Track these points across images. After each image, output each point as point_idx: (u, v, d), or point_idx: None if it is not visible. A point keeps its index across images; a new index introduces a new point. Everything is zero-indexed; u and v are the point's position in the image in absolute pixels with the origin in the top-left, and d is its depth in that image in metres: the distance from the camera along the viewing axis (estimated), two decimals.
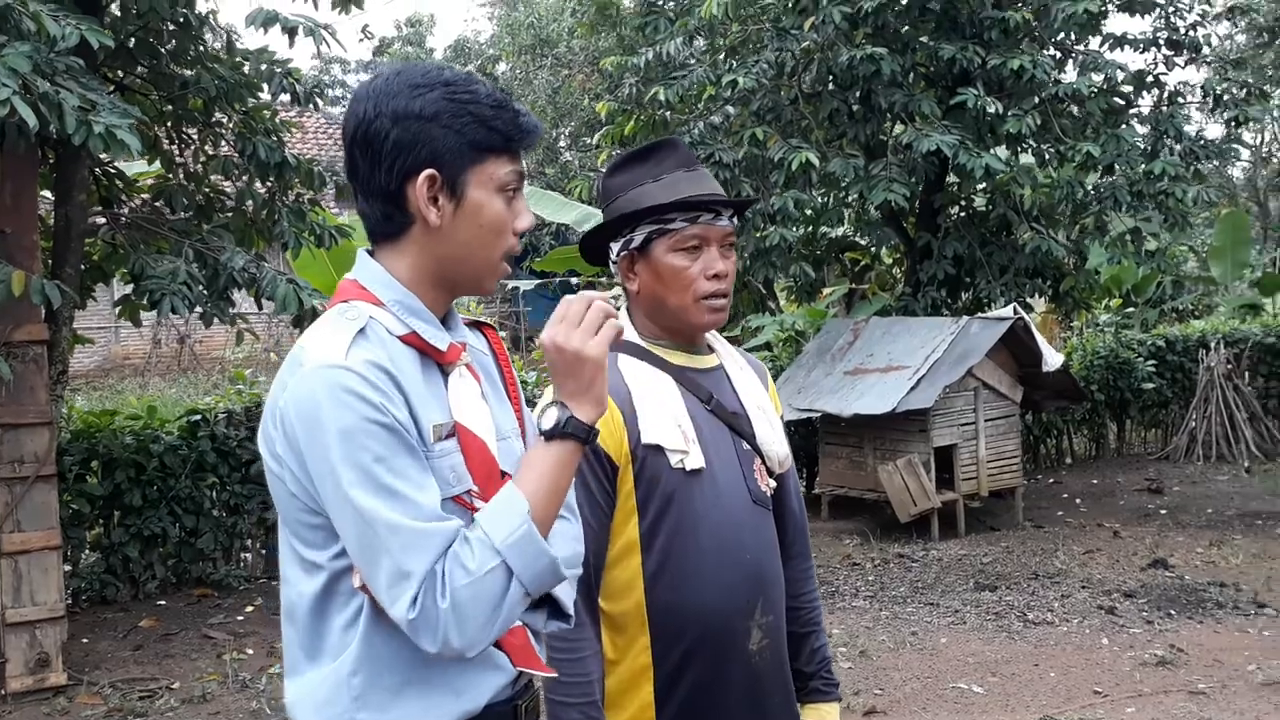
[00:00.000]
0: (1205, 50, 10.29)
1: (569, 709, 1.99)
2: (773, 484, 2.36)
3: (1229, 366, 11.82)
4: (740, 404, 2.34)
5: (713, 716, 2.20)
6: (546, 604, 1.72)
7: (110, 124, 4.86)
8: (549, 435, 1.66)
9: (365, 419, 1.56)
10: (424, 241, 1.70)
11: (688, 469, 2.19)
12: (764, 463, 2.34)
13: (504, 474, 1.75)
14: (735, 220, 2.34)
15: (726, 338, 2.60)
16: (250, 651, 6.63)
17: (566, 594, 1.73)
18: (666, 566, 2.18)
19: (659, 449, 2.18)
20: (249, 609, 7.42)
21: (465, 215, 1.69)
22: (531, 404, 1.90)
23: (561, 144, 26.53)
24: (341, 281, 1.75)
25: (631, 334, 2.31)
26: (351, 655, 1.64)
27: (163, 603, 7.58)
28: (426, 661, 1.63)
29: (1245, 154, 20.75)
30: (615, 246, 2.29)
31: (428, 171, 1.66)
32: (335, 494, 1.56)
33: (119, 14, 7.02)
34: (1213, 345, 11.99)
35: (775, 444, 2.35)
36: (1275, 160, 27.45)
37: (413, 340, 1.68)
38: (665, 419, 2.20)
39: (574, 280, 13.13)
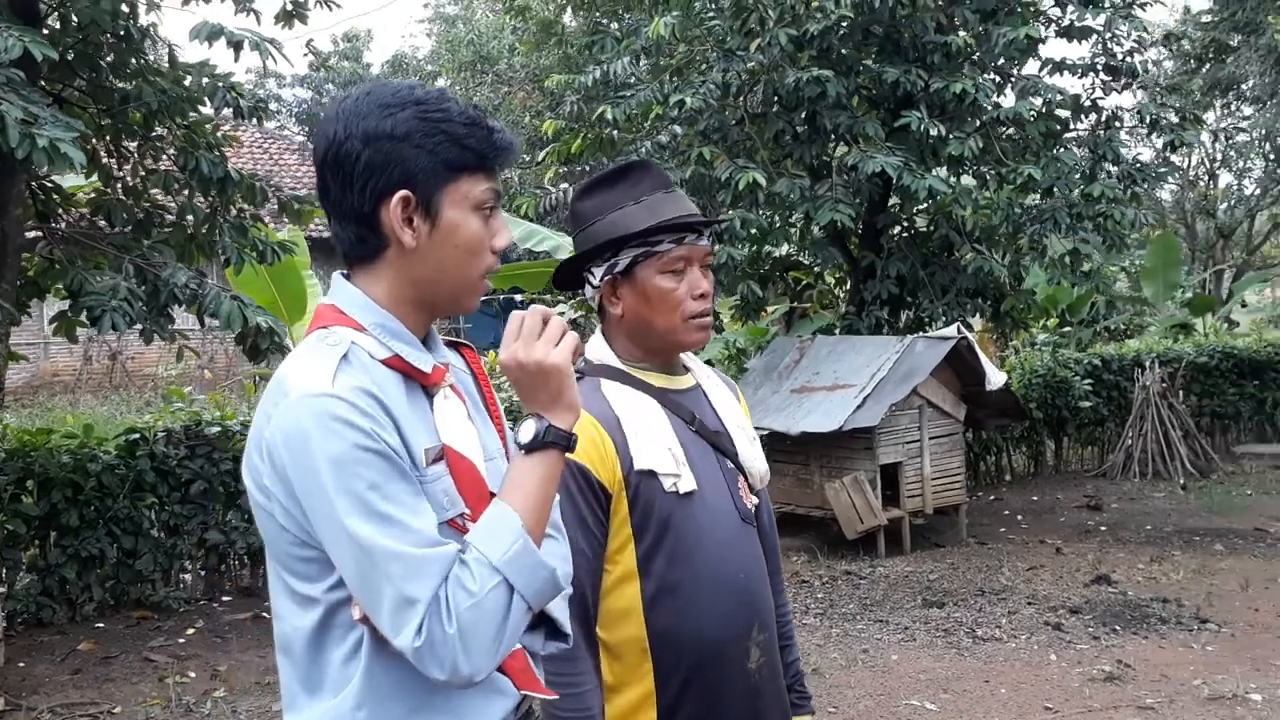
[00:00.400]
0: (1141, 76, 10.48)
1: None
2: (755, 500, 2.37)
3: (1164, 385, 12.04)
4: (721, 422, 2.34)
5: None
6: (543, 624, 1.70)
7: (54, 137, 4.75)
8: (529, 448, 1.64)
9: (356, 446, 1.52)
10: (400, 263, 1.67)
11: (681, 492, 2.18)
12: (746, 480, 2.34)
13: (493, 495, 1.71)
14: (711, 239, 2.33)
15: None
16: (193, 674, 6.49)
17: (561, 613, 1.71)
18: (665, 593, 2.16)
19: (651, 474, 2.16)
20: (190, 631, 7.26)
21: (441, 236, 1.66)
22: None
23: None
24: (318, 306, 1.72)
25: (610, 358, 2.29)
26: (354, 690, 1.59)
27: (101, 625, 7.40)
28: (431, 690, 1.59)
29: (1173, 178, 21.19)
30: (598, 271, 2.27)
31: (401, 193, 1.63)
32: (330, 525, 1.52)
33: (59, 25, 6.89)
34: (1148, 364, 12.20)
35: (756, 460, 2.36)
36: (1202, 184, 28.11)
37: (396, 364, 1.65)
38: (655, 443, 2.18)
39: (518, 297, 13.07)
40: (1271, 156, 26.66)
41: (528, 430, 1.64)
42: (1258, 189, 27.92)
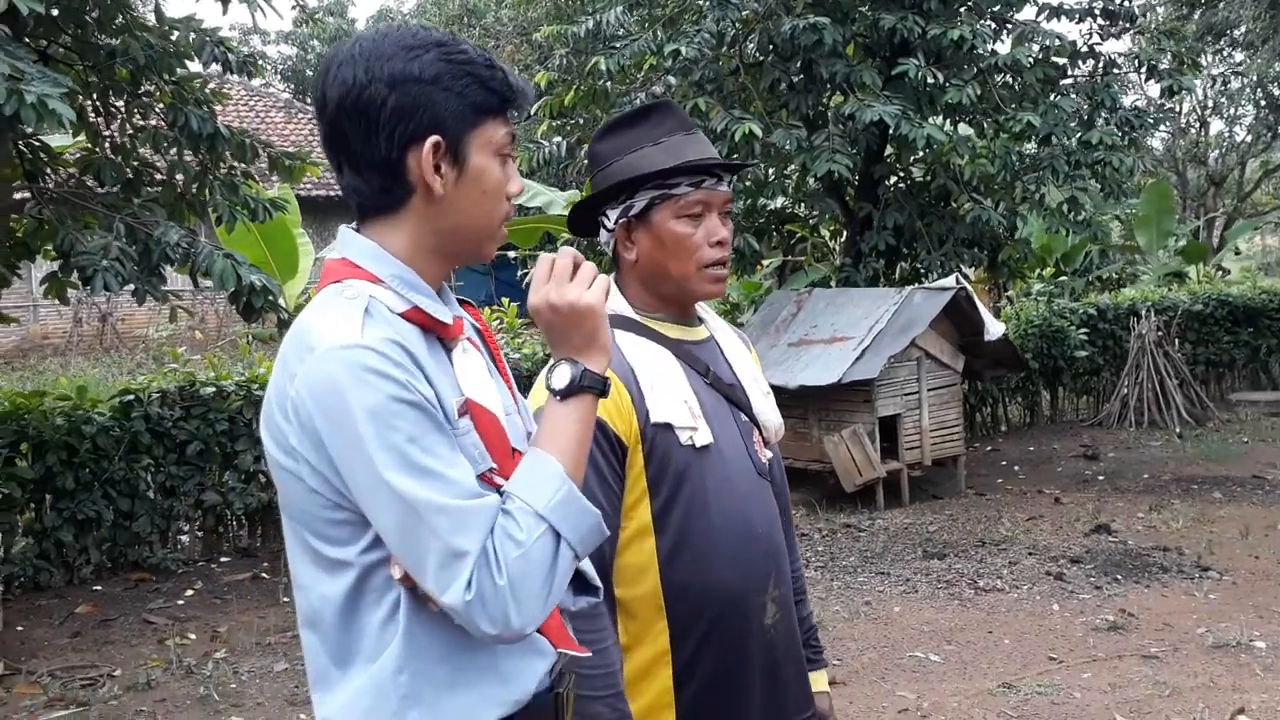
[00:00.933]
0: (1140, 20, 10.36)
1: (594, 702, 1.91)
2: (769, 454, 2.32)
3: (1159, 334, 12.01)
4: (735, 375, 2.29)
5: (732, 694, 2.14)
6: (573, 579, 1.65)
7: (43, 94, 4.65)
8: (565, 393, 1.60)
9: (393, 398, 1.46)
10: (425, 212, 1.61)
11: (697, 445, 2.13)
12: (761, 434, 2.29)
13: (515, 450, 1.67)
14: (731, 185, 2.27)
15: None
16: (193, 636, 6.46)
17: (589, 566, 1.67)
18: (682, 547, 2.11)
19: (668, 427, 2.11)
20: (189, 593, 7.23)
21: (468, 182, 1.61)
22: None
23: None
24: (327, 261, 1.65)
25: (624, 307, 2.23)
26: (394, 653, 1.53)
27: (99, 588, 7.36)
28: (474, 648, 1.55)
29: (1166, 125, 21.09)
30: (613, 214, 2.20)
31: (433, 138, 1.57)
32: (369, 481, 1.47)
33: None
34: (1143, 313, 12.17)
35: (770, 414, 2.31)
36: (1193, 131, 27.99)
37: (415, 316, 1.59)
38: (672, 396, 2.12)
39: (511, 254, 12.97)
40: (1263, 103, 26.55)
41: (562, 375, 1.61)
42: (1249, 136, 27.83)
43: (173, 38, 6.94)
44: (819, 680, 2.39)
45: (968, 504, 8.93)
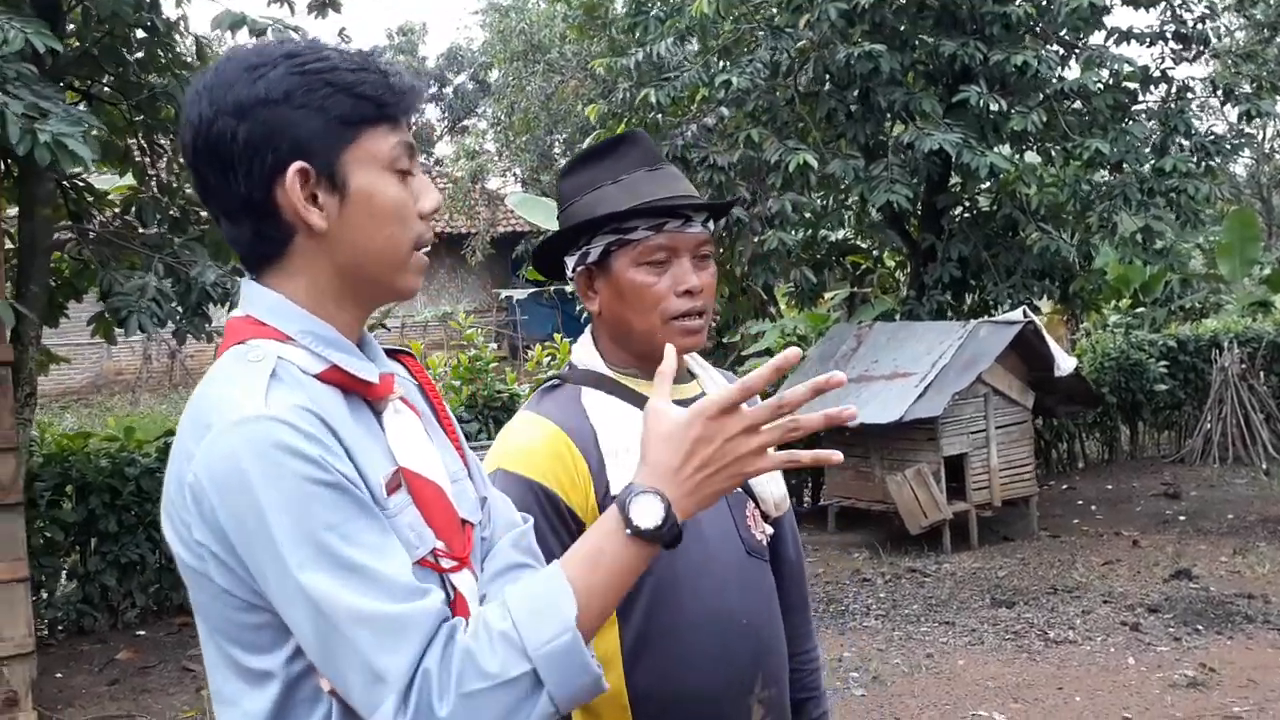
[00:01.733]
0: (1214, 43, 9.96)
1: None
2: (769, 530, 2.01)
3: (1243, 366, 11.51)
4: None
5: None
6: None
7: (59, 132, 4.53)
8: (644, 535, 1.32)
9: (305, 479, 1.22)
10: (315, 252, 1.36)
11: None
12: (758, 506, 1.99)
13: (464, 522, 1.43)
14: (711, 225, 1.99)
15: (725, 344, 2.23)
16: None
17: None
18: (648, 642, 1.83)
19: None
20: None
21: (354, 208, 1.35)
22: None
23: (556, 150, 26.23)
24: (230, 320, 1.40)
25: (596, 363, 1.96)
26: None
27: (142, 633, 7.26)
28: None
29: (1247, 151, 20.46)
30: (571, 260, 1.94)
31: (296, 165, 1.32)
32: (281, 581, 1.23)
33: (82, 21, 6.72)
34: (1226, 345, 11.67)
35: (770, 484, 2.00)
36: (1278, 157, 27.18)
37: (334, 377, 1.34)
38: (638, 465, 1.85)
39: (569, 289, 12.80)
40: None
41: (653, 512, 1.32)
42: None
43: None
44: None
45: (1040, 547, 8.53)
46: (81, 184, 7.21)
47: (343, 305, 1.39)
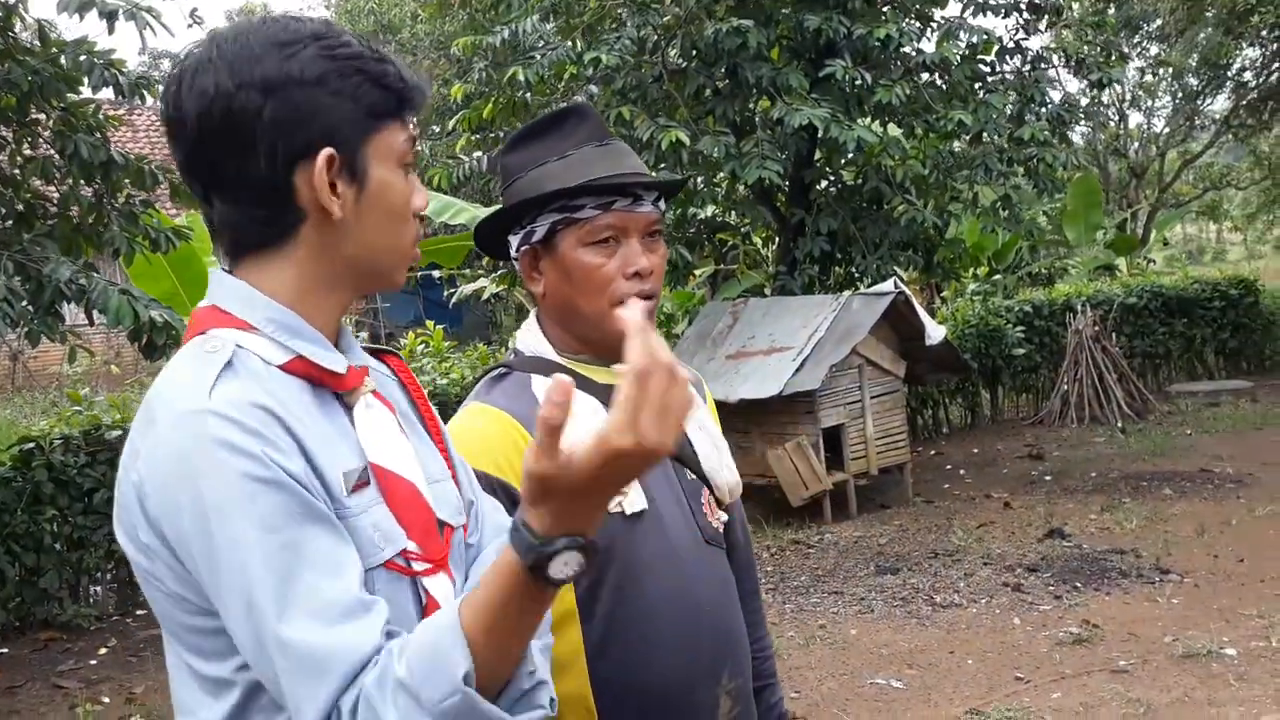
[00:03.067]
0: (1065, 13, 10.23)
1: None
2: (724, 517, 1.95)
3: (1096, 328, 11.91)
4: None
5: None
6: None
7: None
8: (556, 581, 1.14)
9: (245, 475, 1.16)
10: (321, 242, 1.31)
11: (627, 513, 1.77)
12: (712, 493, 1.93)
13: (443, 524, 1.35)
14: (661, 205, 1.92)
15: None
16: (106, 700, 6.02)
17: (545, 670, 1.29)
18: (612, 636, 1.76)
19: None
20: (102, 651, 6.77)
21: (370, 201, 1.31)
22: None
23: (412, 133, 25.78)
24: (195, 311, 1.34)
25: (544, 349, 1.88)
26: None
27: (5, 650, 6.88)
28: None
29: (1084, 120, 21.19)
30: (515, 239, 1.85)
31: (326, 152, 1.26)
32: (216, 584, 1.17)
33: None
34: (1079, 308, 12.06)
35: (724, 470, 1.94)
36: (1112, 124, 28.23)
37: (299, 368, 1.28)
38: None
39: (435, 274, 12.58)
40: (1180, 95, 26.83)
41: (571, 564, 1.13)
42: (1167, 128, 28.12)
43: (60, 61, 6.50)
44: None
45: (917, 512, 8.70)
46: None
47: (329, 296, 1.34)
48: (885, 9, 9.67)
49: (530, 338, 1.91)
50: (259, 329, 1.29)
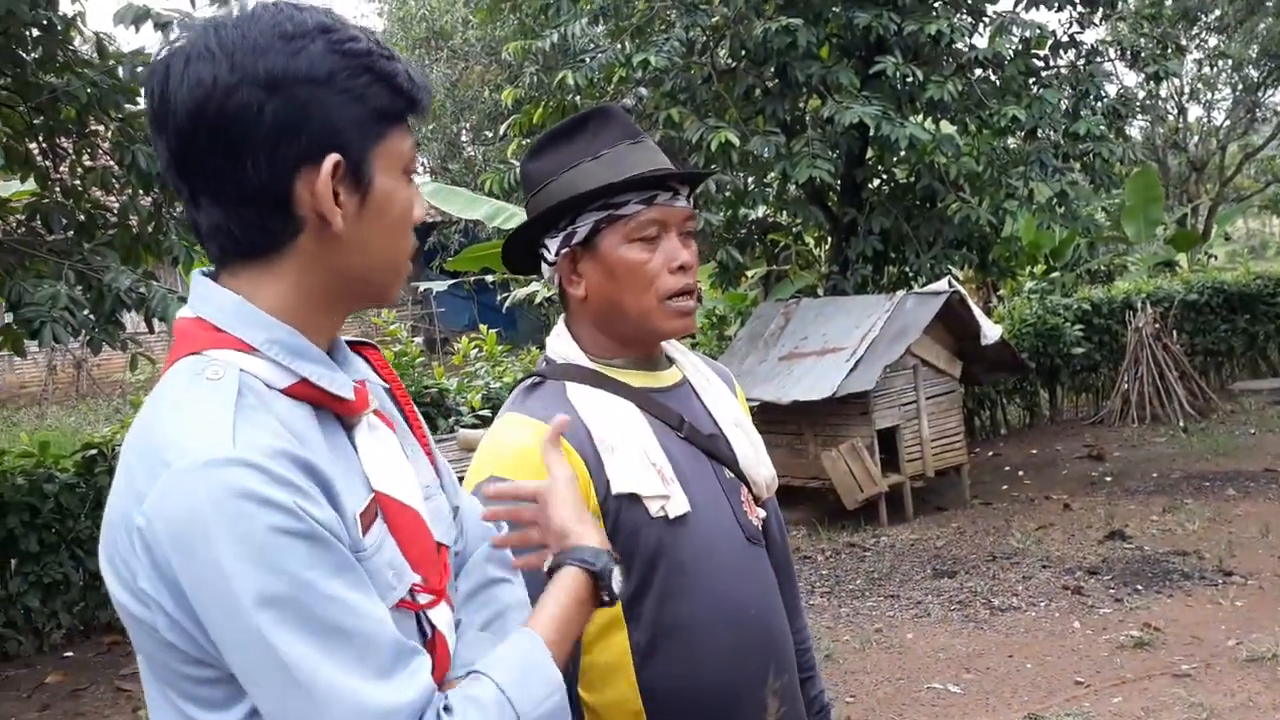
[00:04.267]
0: (1120, 5, 10.08)
1: None
2: (762, 514, 1.94)
3: (1156, 326, 11.72)
4: (715, 423, 1.91)
5: None
6: None
7: None
8: (616, 596, 1.36)
9: (277, 530, 1.09)
10: (316, 253, 1.22)
11: (670, 516, 1.76)
12: (750, 490, 1.93)
13: (440, 545, 1.31)
14: (691, 200, 1.91)
15: None
16: None
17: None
18: (659, 640, 1.75)
19: (634, 498, 1.74)
20: None
21: (372, 211, 1.23)
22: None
23: (464, 139, 25.92)
24: (177, 323, 1.24)
25: (576, 355, 1.87)
26: None
27: (70, 654, 6.99)
28: None
29: (1142, 114, 20.88)
30: (553, 244, 1.84)
31: (333, 158, 1.18)
32: (245, 648, 1.10)
33: None
34: (1139, 305, 11.88)
35: (761, 466, 1.94)
36: (1171, 118, 27.81)
37: (302, 392, 1.20)
38: (637, 460, 1.76)
39: (489, 279, 12.64)
40: (1240, 86, 26.38)
41: (620, 579, 1.39)
42: (1227, 120, 27.66)
43: (118, 73, 6.60)
44: None
45: (974, 515, 8.60)
46: None
47: (329, 309, 1.26)
48: (936, 4, 9.59)
49: (561, 344, 1.90)
50: (259, 350, 1.20)
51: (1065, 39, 10.07)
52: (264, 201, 1.19)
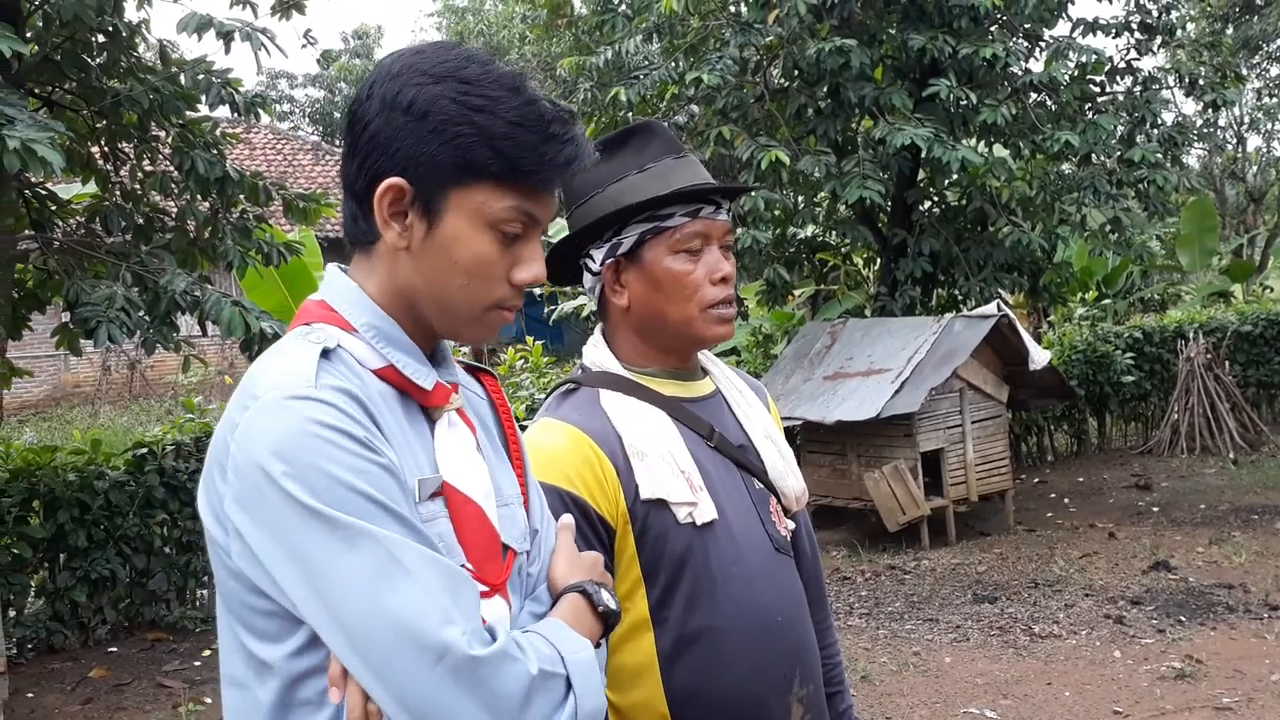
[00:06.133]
0: (1179, 33, 10.01)
1: None
2: (791, 525, 1.97)
3: (1208, 356, 11.58)
4: (745, 434, 1.95)
5: None
6: None
7: (27, 139, 4.41)
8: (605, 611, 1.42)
9: (358, 456, 1.21)
10: (392, 261, 1.36)
11: (698, 523, 1.79)
12: (780, 501, 1.96)
13: (506, 548, 1.38)
14: (731, 215, 1.96)
15: None
16: (209, 700, 6.17)
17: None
18: (685, 645, 1.78)
19: (662, 504, 1.78)
20: (206, 653, 6.95)
21: (437, 244, 1.34)
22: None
23: None
24: (304, 303, 1.40)
25: (611, 363, 1.91)
26: None
27: (114, 649, 7.10)
28: None
29: (1201, 143, 20.68)
30: (598, 254, 1.89)
31: (391, 180, 1.31)
32: (314, 567, 1.19)
33: (42, 25, 6.57)
34: (1191, 335, 11.75)
35: (790, 478, 1.97)
36: (1229, 148, 27.49)
37: (390, 375, 1.33)
38: (666, 466, 1.80)
39: (536, 291, 12.73)
40: None
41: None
42: None
43: (180, 80, 6.74)
44: None
45: (1018, 541, 8.53)
46: (44, 192, 7.06)
47: (410, 318, 1.38)
48: (992, 28, 9.57)
49: (597, 353, 1.94)
50: (358, 331, 1.34)
51: (1122, 65, 10.01)
52: (358, 199, 1.36)
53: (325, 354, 1.28)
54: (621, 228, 1.86)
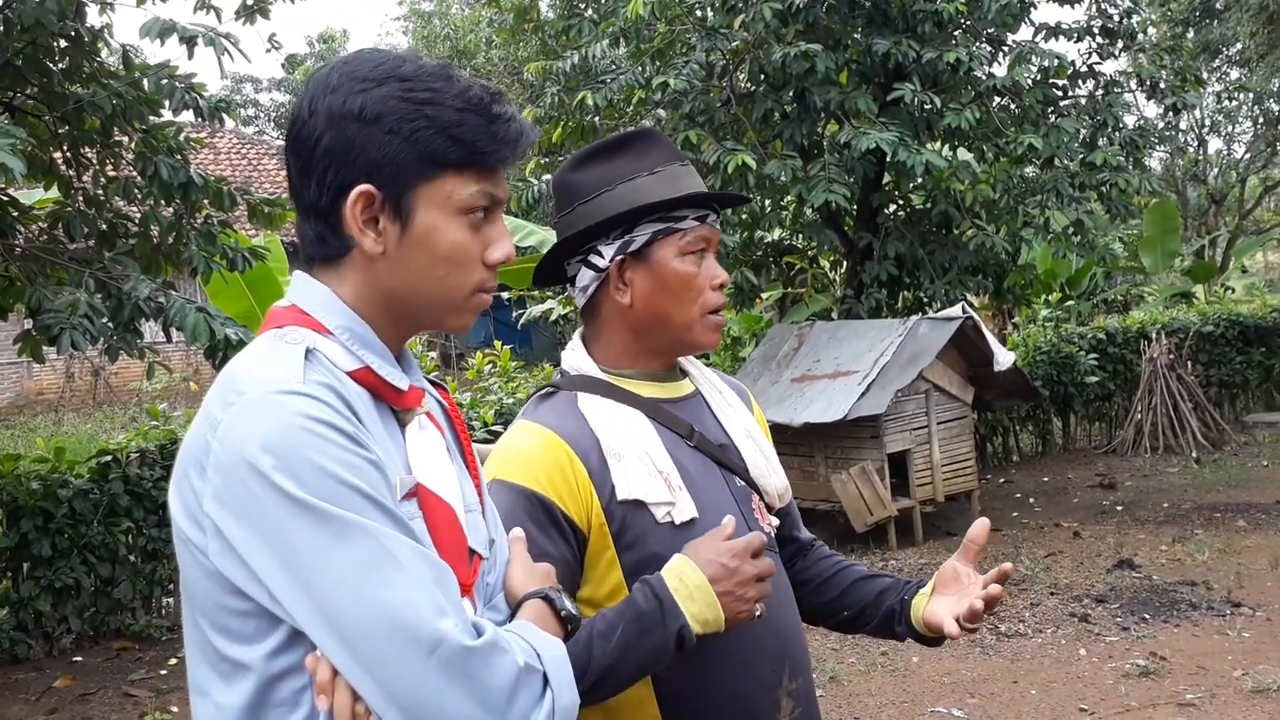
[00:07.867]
0: (1140, 37, 10.12)
1: None
2: (775, 522, 2.00)
3: (1171, 356, 11.70)
4: (725, 433, 1.97)
5: None
6: None
7: None
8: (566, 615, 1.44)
9: (349, 451, 1.22)
10: (367, 269, 1.37)
11: (677, 522, 1.81)
12: (762, 499, 1.98)
13: (473, 553, 1.39)
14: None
15: None
16: (175, 709, 6.13)
17: None
18: None
19: (639, 504, 1.80)
20: (172, 661, 6.90)
21: (413, 242, 1.35)
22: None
23: None
24: (273, 308, 1.41)
25: (589, 367, 1.93)
26: None
27: (79, 659, 7.04)
28: None
29: (1163, 145, 20.88)
30: (607, 250, 1.90)
31: (361, 188, 1.32)
32: (303, 552, 1.19)
33: (3, 30, 6.51)
34: (1154, 336, 11.87)
35: (772, 475, 2.00)
36: (1191, 150, 27.78)
37: (365, 377, 1.34)
38: (642, 467, 1.82)
39: (505, 295, 12.71)
40: (1261, 120, 26.37)
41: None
42: (1248, 153, 27.64)
43: (143, 85, 6.69)
44: (926, 594, 2.11)
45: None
46: (5, 198, 6.98)
47: (392, 321, 1.39)
48: (956, 33, 9.64)
49: (575, 357, 1.97)
50: (333, 334, 1.35)
51: (1084, 69, 10.11)
52: (321, 217, 1.37)
53: (307, 354, 1.29)
54: (634, 226, 1.89)
